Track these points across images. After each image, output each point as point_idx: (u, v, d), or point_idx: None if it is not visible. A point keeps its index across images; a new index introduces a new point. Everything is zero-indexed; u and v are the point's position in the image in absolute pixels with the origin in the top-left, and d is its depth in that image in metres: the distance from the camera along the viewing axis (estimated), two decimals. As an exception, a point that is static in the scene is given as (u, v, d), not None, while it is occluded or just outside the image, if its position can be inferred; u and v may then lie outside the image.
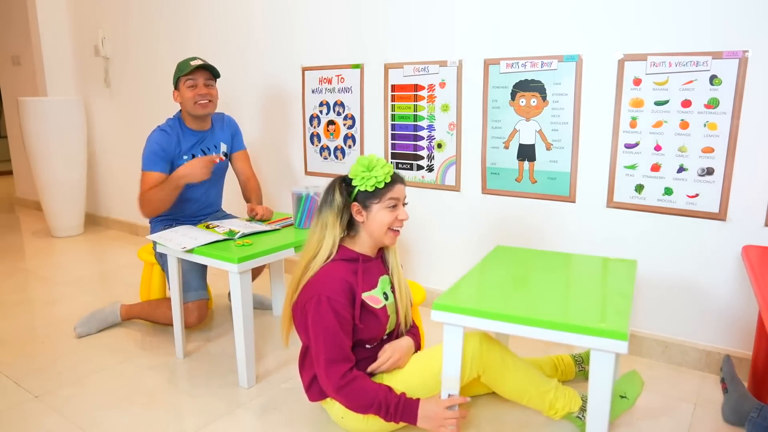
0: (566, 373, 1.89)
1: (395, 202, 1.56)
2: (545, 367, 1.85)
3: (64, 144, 3.93)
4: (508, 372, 1.59)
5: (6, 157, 5.45)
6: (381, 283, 1.63)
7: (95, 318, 2.40)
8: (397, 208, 1.57)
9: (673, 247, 2.05)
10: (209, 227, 2.16)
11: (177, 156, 2.32)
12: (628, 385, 1.65)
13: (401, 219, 1.58)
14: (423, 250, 2.68)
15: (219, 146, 2.47)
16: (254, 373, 1.98)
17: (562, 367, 1.88)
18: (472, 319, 1.39)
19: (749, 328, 1.94)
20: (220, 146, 2.47)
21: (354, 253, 1.60)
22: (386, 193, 1.54)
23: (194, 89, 2.31)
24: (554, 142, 2.23)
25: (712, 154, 1.93)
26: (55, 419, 1.76)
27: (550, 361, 1.88)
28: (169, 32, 3.56)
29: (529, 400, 1.59)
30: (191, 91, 2.31)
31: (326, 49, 2.83)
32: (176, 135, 2.33)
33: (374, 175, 1.52)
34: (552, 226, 2.30)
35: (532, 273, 1.70)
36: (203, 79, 2.32)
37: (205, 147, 2.42)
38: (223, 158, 2.47)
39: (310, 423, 1.73)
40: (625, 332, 1.23)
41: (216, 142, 2.46)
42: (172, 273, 2.09)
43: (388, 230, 1.58)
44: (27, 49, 4.35)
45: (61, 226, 4.06)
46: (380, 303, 1.59)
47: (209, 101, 2.34)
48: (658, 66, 1.97)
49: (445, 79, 2.46)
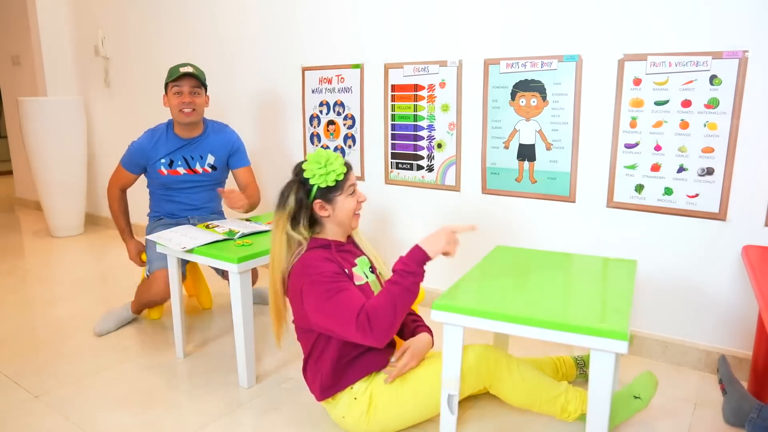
0: (567, 375, 1.88)
1: (353, 188, 1.62)
2: (546, 368, 1.85)
3: (64, 144, 3.93)
4: (516, 382, 1.58)
5: (6, 157, 5.46)
6: (359, 263, 1.65)
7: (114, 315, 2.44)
8: (355, 193, 1.62)
9: (673, 247, 2.05)
10: (209, 227, 2.16)
11: (153, 160, 2.39)
12: (642, 386, 1.65)
13: (361, 201, 1.64)
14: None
15: (205, 157, 2.45)
16: (254, 372, 1.98)
17: (563, 369, 1.88)
18: (472, 319, 1.39)
19: (749, 328, 1.94)
20: (207, 157, 2.46)
21: (324, 240, 1.61)
22: (345, 182, 1.58)
23: (179, 96, 2.32)
24: (554, 142, 2.23)
25: (712, 154, 1.93)
26: (55, 419, 1.76)
27: (551, 363, 1.87)
28: (169, 32, 3.56)
29: (540, 407, 1.59)
30: (176, 99, 2.33)
31: (326, 49, 2.83)
32: (158, 139, 2.39)
33: (332, 170, 1.55)
34: (552, 226, 2.30)
35: (532, 273, 1.70)
36: (189, 87, 2.33)
37: (189, 155, 2.43)
38: (208, 170, 2.46)
39: (311, 423, 1.73)
40: (625, 332, 1.23)
41: (203, 152, 2.45)
42: (172, 273, 2.10)
43: (354, 215, 1.63)
44: (27, 49, 4.35)
45: (61, 226, 4.06)
46: (362, 280, 1.60)
47: (193, 110, 2.34)
48: (658, 66, 1.97)
49: (445, 79, 2.46)
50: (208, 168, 2.47)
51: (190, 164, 2.43)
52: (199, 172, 2.44)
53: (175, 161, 2.41)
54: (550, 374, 1.85)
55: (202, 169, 2.45)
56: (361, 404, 1.56)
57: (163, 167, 2.41)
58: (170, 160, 2.39)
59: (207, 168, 2.46)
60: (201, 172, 2.45)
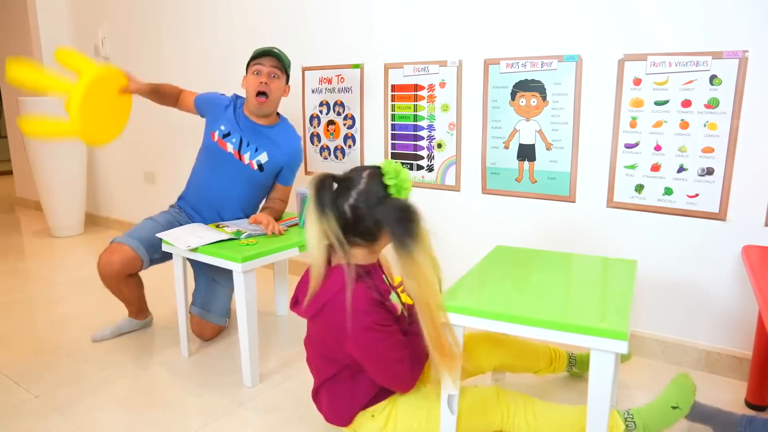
0: (557, 368, 1.89)
1: None
2: (542, 357, 1.84)
3: (64, 144, 3.92)
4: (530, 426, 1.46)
5: (6, 157, 5.45)
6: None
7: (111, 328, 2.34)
8: None
9: (673, 247, 2.06)
10: (219, 227, 2.16)
11: (214, 119, 2.27)
12: (678, 393, 1.53)
13: None
14: (423, 250, 2.68)
15: (260, 151, 2.23)
16: (258, 372, 1.98)
17: (556, 363, 1.88)
18: (473, 319, 1.39)
19: (749, 328, 1.94)
20: (261, 154, 2.23)
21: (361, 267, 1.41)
22: None
23: (257, 76, 2.16)
24: (554, 142, 2.23)
25: (712, 154, 1.93)
26: (55, 419, 1.76)
27: (548, 353, 1.87)
28: (169, 32, 3.56)
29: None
30: (254, 78, 2.18)
31: (326, 49, 2.83)
32: (229, 108, 2.28)
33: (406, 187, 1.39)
34: (552, 226, 2.30)
35: (532, 273, 1.70)
36: (269, 66, 2.17)
37: (246, 140, 2.21)
38: (254, 166, 2.24)
39: (313, 422, 1.73)
40: (625, 332, 1.23)
41: (260, 145, 2.23)
42: (177, 274, 2.08)
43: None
44: (27, 49, 4.35)
45: (61, 226, 4.06)
46: (398, 310, 1.48)
47: (266, 98, 2.18)
48: (658, 66, 1.97)
49: (445, 79, 2.46)
50: (255, 164, 2.23)
51: (242, 149, 2.23)
52: (244, 161, 2.21)
53: (231, 135, 2.23)
54: (544, 365, 1.84)
55: (249, 162, 2.22)
56: (378, 422, 1.49)
57: (218, 133, 2.24)
58: (228, 131, 2.22)
59: (254, 163, 2.23)
60: (246, 163, 2.22)
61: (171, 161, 3.74)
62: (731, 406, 1.82)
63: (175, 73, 3.55)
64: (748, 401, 1.82)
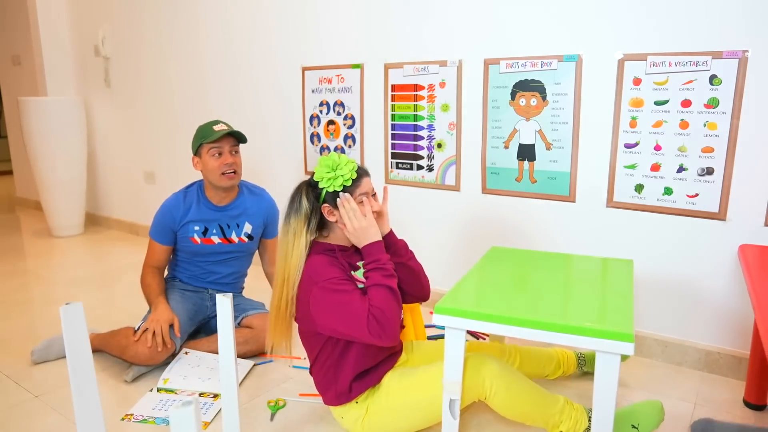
0: (567, 370, 1.91)
1: (365, 196, 1.57)
2: (550, 362, 1.86)
3: (64, 144, 3.93)
4: (514, 397, 1.52)
5: (6, 157, 5.45)
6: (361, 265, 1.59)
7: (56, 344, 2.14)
8: (367, 202, 1.56)
9: (672, 246, 2.06)
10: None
11: (184, 225, 2.15)
12: (644, 416, 1.54)
13: (375, 210, 1.58)
14: (423, 250, 2.67)
15: (242, 225, 2.21)
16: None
17: (564, 366, 1.90)
18: (475, 322, 1.39)
19: (748, 328, 1.94)
20: (244, 226, 2.21)
21: (329, 245, 1.59)
22: (355, 190, 1.54)
23: (218, 158, 2.08)
24: (554, 141, 2.23)
25: (712, 154, 1.93)
26: (55, 419, 1.76)
27: (555, 356, 1.89)
28: (170, 32, 3.55)
29: (534, 421, 1.53)
30: (216, 161, 2.08)
31: (326, 49, 2.83)
32: (190, 205, 2.16)
33: (340, 174, 1.52)
34: (552, 226, 2.30)
35: (531, 274, 1.70)
36: (229, 146, 2.10)
37: (225, 223, 2.19)
38: (245, 240, 2.23)
39: (312, 422, 1.73)
40: (631, 333, 1.22)
41: (240, 221, 2.21)
42: None
43: None
44: (27, 49, 4.35)
45: (61, 226, 4.07)
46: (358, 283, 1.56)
47: (234, 172, 2.11)
48: (658, 66, 1.97)
49: (445, 79, 2.46)
50: (245, 237, 2.23)
51: (226, 233, 2.19)
52: (234, 242, 2.20)
53: (210, 229, 2.17)
54: (552, 369, 1.87)
55: (239, 239, 2.21)
56: (360, 408, 1.57)
57: (197, 235, 2.16)
58: (204, 227, 2.16)
59: (243, 237, 2.22)
60: (237, 241, 2.21)
61: (171, 161, 3.74)
62: (730, 405, 1.82)
63: (175, 73, 3.56)
64: (747, 400, 1.83)
